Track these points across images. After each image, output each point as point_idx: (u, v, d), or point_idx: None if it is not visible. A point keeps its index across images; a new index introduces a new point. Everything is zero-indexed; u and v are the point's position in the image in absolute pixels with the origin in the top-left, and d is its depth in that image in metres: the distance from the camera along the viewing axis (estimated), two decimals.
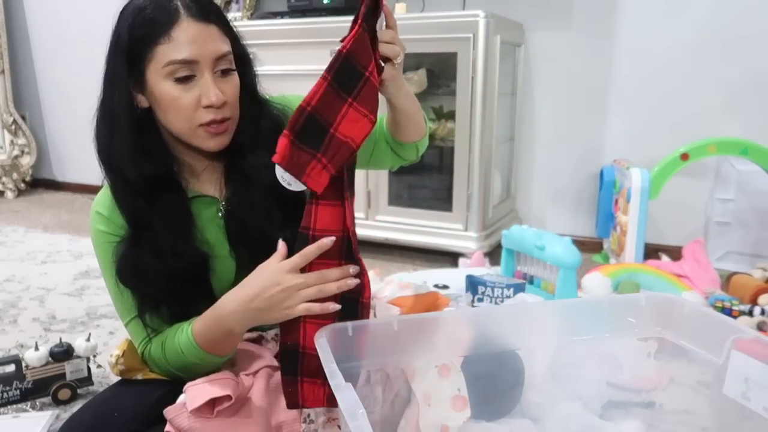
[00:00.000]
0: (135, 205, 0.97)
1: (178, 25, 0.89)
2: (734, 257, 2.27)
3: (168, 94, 0.91)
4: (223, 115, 0.94)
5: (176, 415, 0.91)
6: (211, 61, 0.91)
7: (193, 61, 0.90)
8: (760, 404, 0.87)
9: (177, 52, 0.89)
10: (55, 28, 3.80)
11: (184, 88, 0.91)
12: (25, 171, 3.88)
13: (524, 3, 2.55)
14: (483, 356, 0.99)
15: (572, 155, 2.60)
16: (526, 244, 1.87)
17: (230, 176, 1.02)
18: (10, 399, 1.30)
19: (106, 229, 1.00)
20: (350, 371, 0.84)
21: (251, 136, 1.00)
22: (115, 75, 0.94)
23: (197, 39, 0.90)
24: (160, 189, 0.97)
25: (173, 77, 0.90)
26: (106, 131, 0.99)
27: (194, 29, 0.90)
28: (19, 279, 2.20)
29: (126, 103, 0.94)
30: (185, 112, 0.92)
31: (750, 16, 2.22)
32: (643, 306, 1.04)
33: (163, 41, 0.89)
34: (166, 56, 0.89)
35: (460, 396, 0.94)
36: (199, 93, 0.91)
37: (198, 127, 0.93)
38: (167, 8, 0.90)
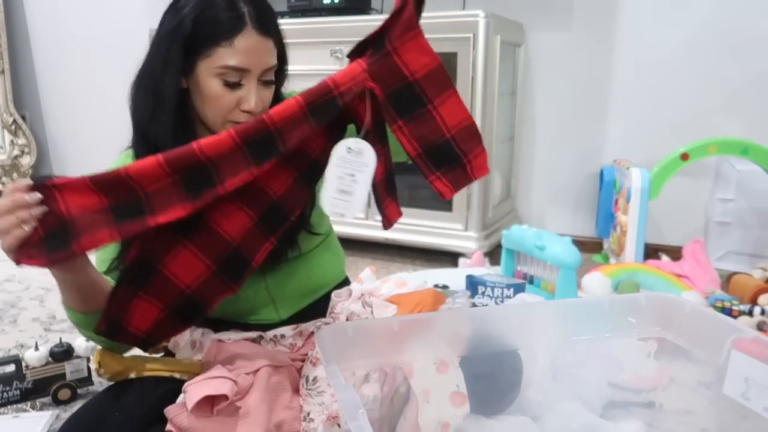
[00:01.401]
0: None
1: (242, 34, 0.93)
2: (734, 257, 2.27)
3: (213, 91, 0.96)
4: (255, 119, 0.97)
5: (176, 415, 0.91)
6: (260, 71, 0.96)
7: (245, 70, 0.95)
8: (760, 404, 0.87)
9: (234, 59, 0.93)
10: (55, 28, 3.79)
11: (228, 90, 0.96)
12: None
13: (524, 3, 2.55)
14: (482, 356, 0.99)
15: (572, 155, 2.60)
16: (526, 244, 1.87)
17: None
18: (10, 399, 1.30)
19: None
20: (350, 371, 0.84)
21: None
22: (169, 57, 0.96)
23: (254, 51, 0.95)
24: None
25: (223, 79, 0.95)
26: (148, 106, 1.00)
27: (254, 41, 0.94)
28: (19, 279, 2.20)
29: (175, 86, 0.97)
30: (224, 110, 0.97)
31: (750, 17, 2.22)
32: (643, 306, 1.04)
33: (225, 45, 0.93)
34: (222, 59, 0.93)
35: (459, 392, 0.94)
36: (241, 96, 0.96)
37: (228, 122, 0.98)
38: (236, 14, 0.94)
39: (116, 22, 3.56)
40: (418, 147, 0.92)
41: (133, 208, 0.80)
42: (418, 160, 0.92)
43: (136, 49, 1.08)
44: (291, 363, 1.04)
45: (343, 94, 0.85)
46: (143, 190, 0.80)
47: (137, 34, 3.36)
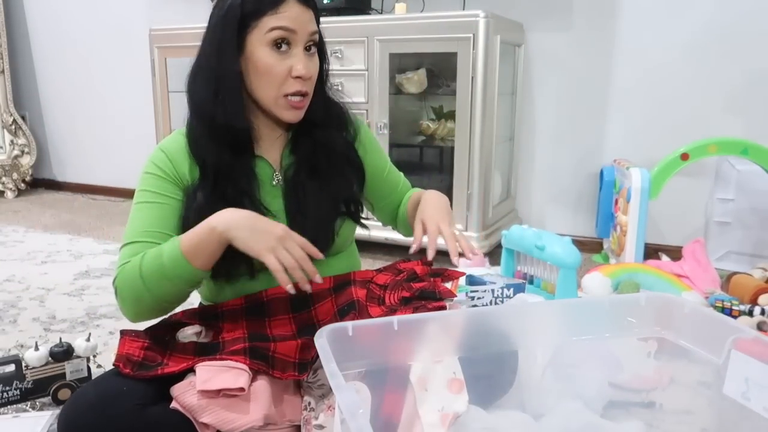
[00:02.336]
0: (224, 157, 1.06)
1: (286, 2, 1.02)
2: (734, 257, 2.27)
3: (265, 61, 1.03)
4: (306, 89, 1.07)
5: (183, 393, 0.92)
6: (306, 35, 1.05)
7: (293, 31, 1.03)
8: (760, 404, 0.87)
9: (281, 21, 1.02)
10: (54, 28, 3.80)
11: (279, 57, 1.03)
12: (25, 171, 3.88)
13: (524, 3, 2.55)
14: (483, 356, 0.98)
15: (572, 155, 2.60)
16: (526, 244, 1.87)
17: (298, 145, 1.15)
18: (10, 399, 1.30)
19: (159, 163, 1.07)
20: (350, 371, 0.84)
21: (321, 114, 1.14)
22: (224, 41, 1.04)
23: (298, 17, 1.03)
24: (243, 146, 1.09)
25: (273, 43, 1.02)
26: (209, 91, 1.06)
27: (298, 9, 1.03)
28: (19, 279, 2.20)
29: (235, 69, 1.04)
30: (277, 79, 1.04)
31: (750, 16, 2.22)
32: (643, 306, 1.04)
33: (270, 13, 1.02)
34: (270, 23, 1.02)
35: (456, 379, 0.94)
36: (291, 64, 1.04)
37: (282, 97, 1.05)
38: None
39: (116, 22, 3.56)
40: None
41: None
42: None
43: (136, 49, 1.10)
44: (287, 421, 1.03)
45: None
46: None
47: (137, 34, 3.36)
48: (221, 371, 0.93)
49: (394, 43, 2.31)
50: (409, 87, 2.44)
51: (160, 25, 2.90)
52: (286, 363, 0.99)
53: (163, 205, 1.05)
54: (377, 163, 1.28)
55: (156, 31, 2.87)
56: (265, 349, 0.99)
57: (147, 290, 0.98)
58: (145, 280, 0.97)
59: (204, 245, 0.96)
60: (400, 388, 0.94)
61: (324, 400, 1.00)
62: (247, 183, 1.08)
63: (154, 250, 0.99)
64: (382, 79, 2.34)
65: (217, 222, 0.96)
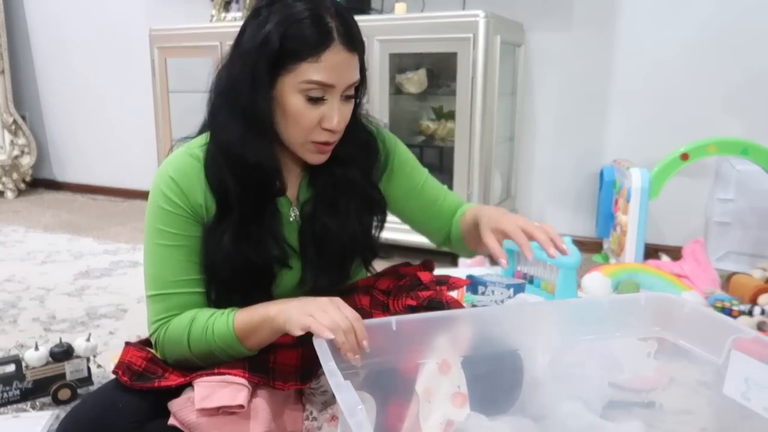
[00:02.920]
0: (251, 196, 0.98)
1: (329, 50, 0.91)
2: (734, 257, 2.27)
3: (295, 108, 0.94)
4: (336, 138, 0.99)
5: (181, 409, 0.91)
6: (345, 86, 0.95)
7: (330, 86, 0.93)
8: (760, 404, 0.87)
9: (319, 75, 0.92)
10: (55, 28, 3.80)
11: (311, 106, 0.94)
12: (25, 171, 3.88)
13: (524, 3, 2.55)
14: (483, 356, 0.98)
15: (572, 155, 2.60)
16: None
17: (316, 179, 1.07)
18: (10, 399, 1.30)
19: (171, 195, 0.98)
20: (350, 371, 0.84)
21: (345, 149, 1.05)
22: (257, 75, 0.93)
23: (340, 66, 0.93)
24: (269, 183, 1.01)
25: (306, 94, 0.93)
26: (238, 129, 0.96)
27: (341, 57, 0.93)
28: (19, 279, 2.20)
29: (268, 110, 0.95)
30: (306, 128, 0.95)
31: (750, 16, 2.22)
32: (643, 306, 1.04)
33: (311, 61, 0.91)
34: (307, 74, 0.92)
35: (460, 393, 0.94)
36: (323, 114, 0.95)
37: (310, 142, 0.97)
38: (323, 29, 0.91)
39: (116, 22, 3.56)
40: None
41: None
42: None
43: (136, 49, 1.08)
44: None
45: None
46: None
47: (137, 34, 3.36)
48: (219, 387, 0.91)
49: (394, 43, 2.31)
50: (409, 87, 2.44)
51: (160, 25, 2.90)
52: (288, 373, 0.98)
53: (185, 247, 0.99)
54: (408, 183, 1.19)
55: (156, 31, 2.87)
56: (265, 360, 0.97)
57: (195, 356, 0.97)
58: (193, 350, 0.96)
59: (259, 332, 0.94)
60: (404, 400, 0.94)
61: (327, 409, 0.99)
62: (273, 223, 1.02)
63: (200, 320, 0.96)
64: (382, 79, 2.34)
65: (276, 314, 0.91)
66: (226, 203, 0.98)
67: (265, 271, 1.01)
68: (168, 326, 0.98)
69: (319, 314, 0.86)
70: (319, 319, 0.85)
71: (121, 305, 1.94)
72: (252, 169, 0.96)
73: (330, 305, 0.88)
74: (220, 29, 2.73)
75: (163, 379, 0.96)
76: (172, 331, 0.97)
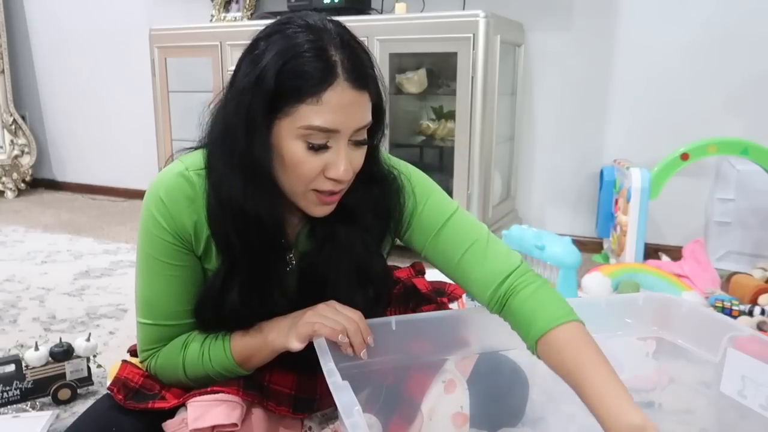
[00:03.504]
0: (248, 246, 0.88)
1: (332, 88, 0.78)
2: (734, 257, 2.27)
3: (294, 155, 0.81)
4: (342, 188, 0.86)
5: (176, 430, 0.90)
6: (351, 131, 0.82)
7: (334, 131, 0.80)
8: (756, 401, 0.87)
9: (320, 119, 0.79)
10: (55, 28, 3.80)
11: (313, 153, 0.81)
12: (25, 171, 3.88)
13: (524, 3, 2.55)
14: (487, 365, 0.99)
15: (572, 155, 2.60)
16: (526, 244, 1.87)
17: (315, 229, 0.94)
18: (10, 399, 1.30)
19: (161, 220, 0.89)
20: (349, 371, 0.84)
21: (353, 201, 0.92)
22: (252, 118, 0.81)
23: (346, 107, 0.79)
24: (269, 235, 0.90)
25: (307, 141, 0.80)
26: (237, 178, 0.84)
27: (347, 97, 0.79)
28: (19, 279, 2.20)
29: (267, 161, 0.82)
30: (307, 177, 0.83)
31: (750, 17, 2.22)
32: (641, 306, 1.04)
33: (311, 102, 0.78)
34: (307, 119, 0.79)
35: (462, 413, 0.94)
36: (328, 161, 0.82)
37: (311, 191, 0.85)
38: (325, 64, 0.78)
39: (116, 22, 3.56)
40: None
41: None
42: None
43: (136, 49, 1.07)
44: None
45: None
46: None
47: (137, 34, 3.36)
48: (213, 406, 0.89)
49: (394, 43, 2.31)
50: (409, 87, 2.44)
51: (160, 25, 2.90)
52: (281, 395, 0.96)
53: (178, 278, 0.92)
54: (424, 235, 0.97)
55: (156, 31, 2.87)
56: (260, 378, 0.95)
57: (190, 381, 0.95)
58: (189, 375, 0.95)
59: (258, 355, 0.92)
60: (406, 418, 0.93)
61: (329, 423, 0.99)
62: (278, 275, 0.92)
63: (194, 346, 0.93)
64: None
65: (274, 338, 0.89)
66: (232, 258, 0.89)
67: (258, 318, 0.95)
68: (160, 353, 0.96)
69: (323, 321, 0.85)
70: (326, 323, 0.84)
71: (121, 305, 1.94)
72: (253, 222, 0.86)
73: (328, 310, 0.87)
74: (220, 29, 2.73)
75: (159, 398, 0.94)
76: (164, 358, 0.96)
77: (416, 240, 0.97)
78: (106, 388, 0.96)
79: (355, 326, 0.84)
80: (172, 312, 0.94)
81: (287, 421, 0.97)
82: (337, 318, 0.85)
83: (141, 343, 0.97)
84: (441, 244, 0.95)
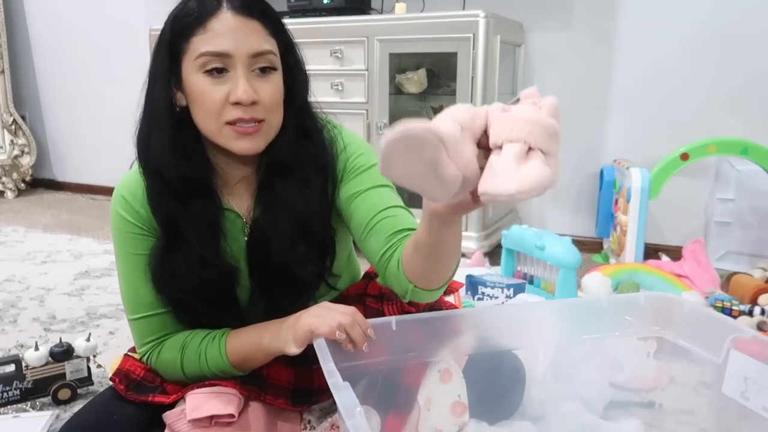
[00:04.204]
0: (169, 209, 0.92)
1: (216, 16, 0.86)
2: (734, 257, 2.27)
3: (197, 88, 0.87)
4: (253, 115, 0.87)
5: (175, 421, 0.91)
6: (247, 57, 0.86)
7: (226, 54, 0.85)
8: (759, 404, 0.87)
9: (210, 44, 0.85)
10: (55, 28, 3.79)
11: (214, 82, 0.86)
12: (25, 171, 3.88)
13: (524, 3, 2.55)
14: (483, 357, 0.98)
15: (572, 155, 2.60)
16: (526, 244, 1.87)
17: (261, 194, 0.97)
18: (10, 399, 1.30)
19: (127, 216, 0.95)
20: (349, 371, 0.84)
21: (292, 153, 0.94)
22: (156, 69, 0.91)
23: (234, 32, 0.85)
24: (195, 194, 0.93)
25: (204, 69, 0.86)
26: (146, 128, 0.93)
27: (232, 22, 0.86)
28: (19, 279, 2.20)
29: (165, 99, 0.90)
30: (213, 107, 0.87)
31: (750, 17, 2.22)
32: (642, 306, 1.04)
33: (199, 32, 0.86)
34: (198, 48, 0.86)
35: (460, 402, 0.94)
36: (230, 88, 0.86)
37: (225, 125, 0.88)
38: (209, 0, 0.87)
39: (116, 22, 3.56)
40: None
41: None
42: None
43: (135, 49, 1.07)
44: None
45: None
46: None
47: (137, 34, 3.36)
48: (211, 397, 0.91)
49: (394, 43, 2.31)
50: (409, 87, 2.44)
51: (160, 25, 2.88)
52: (280, 388, 0.97)
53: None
54: (350, 190, 0.97)
55: (156, 31, 2.85)
56: (258, 371, 0.96)
57: (189, 379, 0.97)
58: (187, 374, 0.96)
59: (253, 359, 0.93)
60: (404, 409, 0.94)
61: (327, 417, 0.99)
62: (201, 240, 0.92)
63: (192, 346, 0.95)
64: (382, 79, 2.34)
65: (269, 342, 0.90)
66: (169, 229, 0.93)
67: (224, 285, 0.96)
68: (159, 351, 0.97)
69: (319, 320, 0.85)
70: (322, 322, 0.84)
71: (120, 305, 1.92)
72: (155, 174, 0.91)
73: (321, 309, 0.87)
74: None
75: (160, 391, 0.96)
76: (163, 357, 0.97)
77: (342, 191, 0.98)
78: (109, 379, 0.97)
79: (351, 320, 0.84)
80: (154, 301, 0.96)
81: (286, 414, 0.97)
82: (332, 315, 0.85)
83: (137, 340, 0.99)
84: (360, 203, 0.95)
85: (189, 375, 0.96)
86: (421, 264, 0.82)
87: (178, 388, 0.96)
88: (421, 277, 0.84)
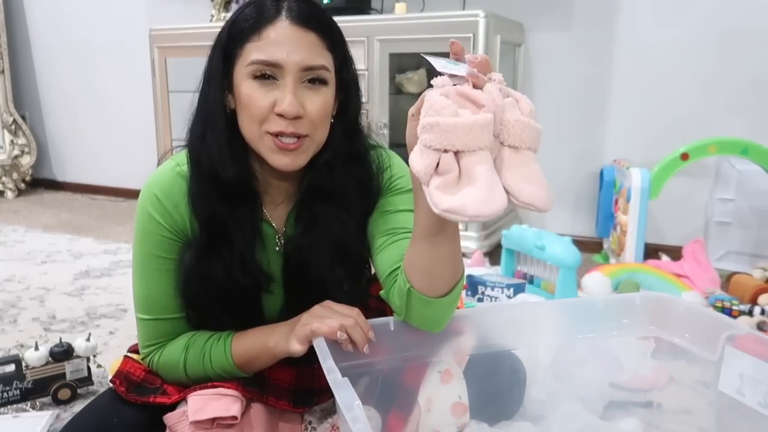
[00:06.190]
0: (216, 210, 0.91)
1: (273, 24, 0.85)
2: (734, 257, 2.27)
3: (245, 93, 0.86)
4: (296, 130, 0.86)
5: (176, 423, 0.90)
6: (298, 69, 0.85)
7: (276, 64, 0.84)
8: (754, 399, 0.87)
9: (262, 52, 0.85)
10: (55, 28, 3.80)
11: (263, 89, 0.85)
12: (25, 171, 3.88)
13: (524, 3, 2.55)
14: (483, 357, 0.99)
15: (572, 155, 2.60)
16: (526, 244, 1.87)
17: (300, 213, 0.97)
18: (10, 399, 1.30)
19: (158, 216, 0.93)
20: (349, 371, 0.84)
21: (335, 179, 0.93)
22: (212, 71, 0.91)
23: (288, 42, 0.84)
24: (243, 198, 0.93)
25: (255, 78, 0.86)
26: (200, 129, 0.92)
27: (288, 32, 0.85)
28: (19, 279, 2.20)
29: (220, 101, 0.90)
30: (257, 113, 0.86)
31: (750, 16, 2.22)
32: (638, 305, 1.04)
33: (254, 39, 0.85)
34: (251, 55, 0.85)
35: (461, 403, 0.94)
36: (277, 97, 0.85)
37: (266, 134, 0.87)
38: (269, 7, 0.87)
39: (116, 22, 3.56)
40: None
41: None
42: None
43: (136, 49, 1.07)
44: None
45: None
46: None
47: (137, 34, 3.36)
48: (213, 399, 0.90)
49: (394, 43, 2.31)
50: (409, 87, 2.45)
51: (160, 25, 2.90)
52: (281, 389, 0.97)
53: (175, 270, 0.94)
54: (384, 207, 0.97)
55: (156, 31, 2.88)
56: (260, 373, 0.96)
57: (191, 380, 0.96)
58: (190, 375, 0.96)
59: (258, 361, 0.93)
60: (405, 410, 0.93)
61: (328, 418, 0.99)
62: (245, 245, 0.93)
63: (196, 347, 0.95)
64: (382, 79, 2.34)
65: (274, 343, 0.90)
66: (213, 231, 0.92)
67: (254, 292, 0.96)
68: (162, 352, 0.97)
69: (320, 320, 0.85)
70: (323, 322, 0.84)
71: (121, 305, 1.94)
72: (208, 176, 0.90)
73: (324, 310, 0.87)
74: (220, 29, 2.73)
75: (160, 392, 0.95)
76: (166, 357, 0.97)
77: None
78: (109, 381, 0.97)
79: (353, 322, 0.84)
80: (170, 306, 0.95)
81: (287, 416, 0.97)
82: (334, 316, 0.85)
83: (142, 339, 0.99)
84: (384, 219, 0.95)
85: (191, 376, 0.96)
86: (423, 265, 0.80)
87: (179, 389, 0.96)
88: (421, 279, 0.81)
